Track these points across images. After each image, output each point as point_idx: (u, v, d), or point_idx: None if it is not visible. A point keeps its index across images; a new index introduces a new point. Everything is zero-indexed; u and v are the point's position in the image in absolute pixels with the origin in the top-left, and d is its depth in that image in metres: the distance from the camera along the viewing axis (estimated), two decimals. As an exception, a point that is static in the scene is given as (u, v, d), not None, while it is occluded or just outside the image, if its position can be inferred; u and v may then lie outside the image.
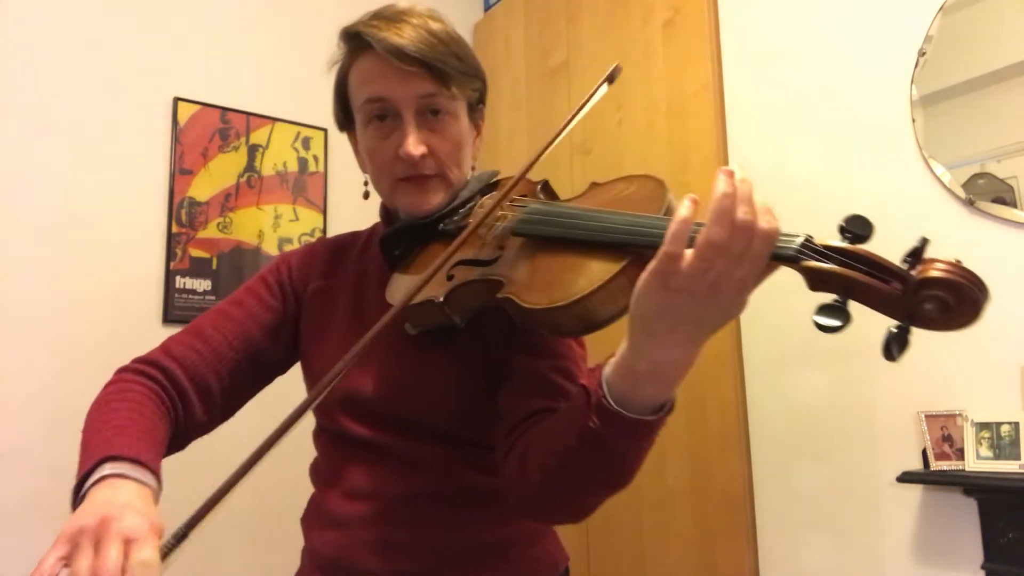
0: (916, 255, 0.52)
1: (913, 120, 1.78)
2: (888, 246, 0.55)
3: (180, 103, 2.38)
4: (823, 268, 0.53)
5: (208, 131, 2.43)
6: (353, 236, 1.06)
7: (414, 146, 0.85)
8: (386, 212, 0.99)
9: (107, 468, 0.73)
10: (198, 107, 2.42)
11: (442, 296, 0.77)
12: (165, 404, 0.87)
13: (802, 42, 2.05)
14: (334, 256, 1.02)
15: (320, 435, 0.97)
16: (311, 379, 0.97)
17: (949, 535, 1.65)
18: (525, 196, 0.88)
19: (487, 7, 3.20)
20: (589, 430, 0.65)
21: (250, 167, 2.50)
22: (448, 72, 0.86)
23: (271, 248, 2.49)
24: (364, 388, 0.89)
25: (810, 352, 1.94)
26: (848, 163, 1.90)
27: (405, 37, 0.83)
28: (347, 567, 0.86)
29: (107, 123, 2.26)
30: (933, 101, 1.76)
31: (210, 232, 2.39)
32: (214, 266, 2.37)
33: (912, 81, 1.79)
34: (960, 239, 1.69)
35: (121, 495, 0.68)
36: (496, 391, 0.86)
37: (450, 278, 0.79)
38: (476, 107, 0.96)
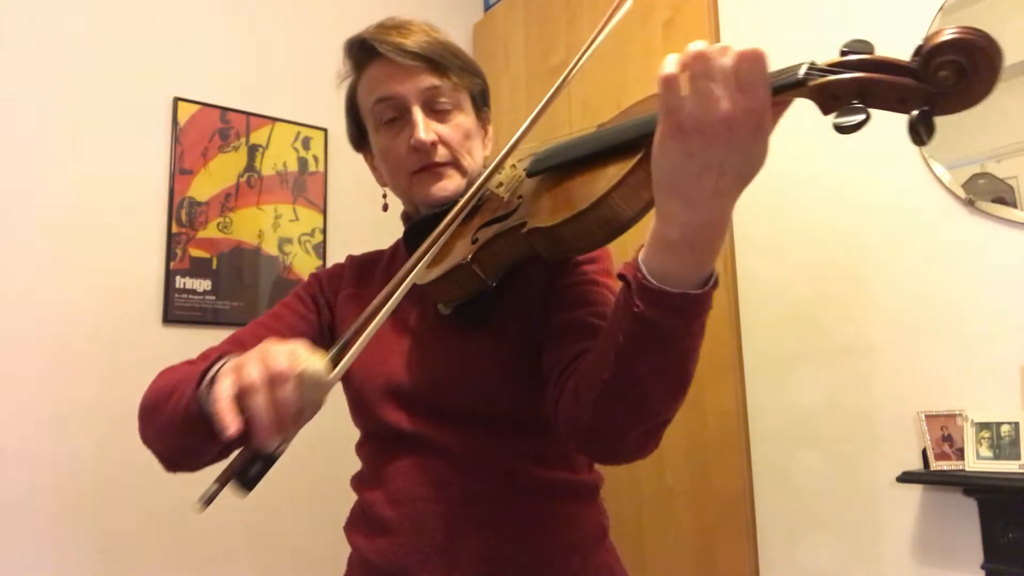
0: (920, 49, 0.52)
1: (913, 120, 1.77)
2: (888, 245, 0.55)
3: (180, 103, 2.38)
4: (833, 79, 0.52)
5: (208, 131, 2.43)
6: (379, 252, 1.09)
7: (425, 132, 0.88)
8: (407, 216, 1.00)
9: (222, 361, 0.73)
10: (198, 107, 2.42)
11: (469, 256, 0.77)
12: None
13: (802, 42, 2.04)
14: (362, 269, 1.05)
15: (364, 443, 0.95)
16: (352, 388, 0.95)
17: (949, 535, 1.65)
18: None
19: (487, 7, 3.20)
20: (635, 317, 0.61)
21: (250, 167, 2.50)
22: (447, 65, 0.90)
23: (271, 248, 2.49)
24: (406, 377, 0.88)
25: (810, 352, 1.94)
26: (848, 163, 1.90)
27: (408, 39, 0.89)
28: (399, 573, 0.83)
29: (107, 123, 2.26)
30: (933, 101, 1.76)
31: (210, 232, 2.39)
32: (214, 266, 2.37)
33: (912, 81, 1.79)
34: (960, 239, 1.69)
35: (267, 342, 0.66)
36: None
37: (475, 241, 0.78)
38: (481, 107, 0.99)
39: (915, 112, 0.52)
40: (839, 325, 1.89)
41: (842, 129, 0.51)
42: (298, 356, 0.62)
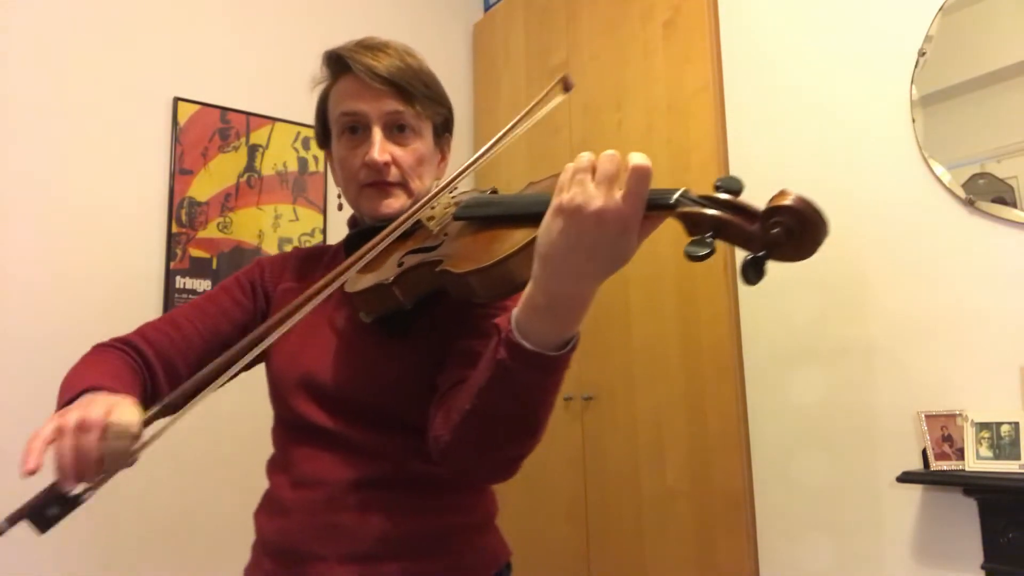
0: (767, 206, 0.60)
1: (913, 120, 1.78)
2: (888, 246, 0.56)
3: (180, 103, 2.38)
4: (698, 212, 0.61)
5: (208, 131, 2.43)
6: (324, 247, 1.14)
7: (379, 153, 0.95)
8: (353, 221, 1.08)
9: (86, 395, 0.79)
10: (198, 107, 2.42)
11: (392, 277, 0.85)
12: (137, 372, 0.93)
13: (802, 42, 2.05)
14: (305, 263, 1.09)
15: (276, 428, 1.01)
16: (271, 373, 1.00)
17: (949, 535, 1.65)
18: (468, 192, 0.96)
19: (487, 7, 3.20)
20: (497, 363, 0.69)
21: (250, 167, 2.50)
22: (414, 93, 0.97)
23: (271, 248, 2.49)
24: (320, 371, 0.94)
25: (810, 352, 1.94)
26: (848, 163, 1.90)
27: (381, 62, 0.95)
28: (294, 552, 0.89)
29: (107, 123, 2.26)
30: (933, 101, 1.76)
31: (210, 232, 2.39)
32: (214, 266, 2.37)
33: (912, 81, 1.79)
34: (960, 239, 1.69)
35: (99, 395, 0.75)
36: None
37: (400, 264, 0.86)
38: (442, 134, 1.06)
39: (749, 256, 0.59)
40: (839, 325, 1.89)
41: (690, 257, 0.59)
42: (115, 409, 0.70)
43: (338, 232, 2.63)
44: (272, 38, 2.61)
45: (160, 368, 0.95)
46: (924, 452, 1.67)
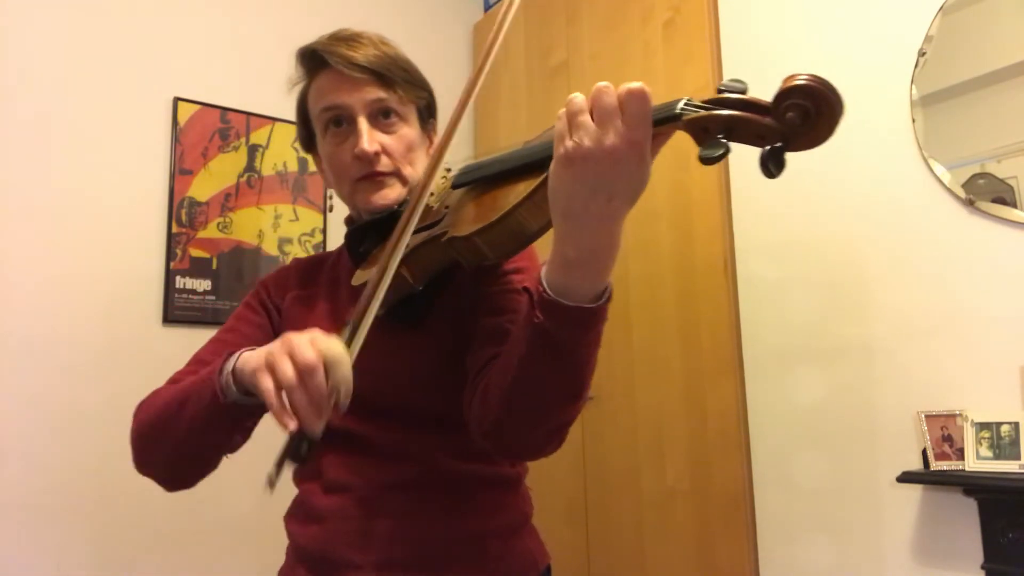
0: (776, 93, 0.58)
1: (913, 120, 1.78)
2: (888, 245, 0.56)
3: (180, 103, 2.38)
4: (705, 115, 0.59)
5: (208, 131, 2.43)
6: (324, 255, 1.13)
7: (368, 143, 0.92)
8: (350, 220, 1.06)
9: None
10: (198, 107, 2.42)
11: (399, 259, 0.83)
12: None
13: (802, 42, 2.05)
14: (307, 272, 1.08)
15: None
16: None
17: (949, 535, 1.65)
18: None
19: (487, 7, 3.20)
20: (535, 327, 0.68)
21: (250, 167, 2.50)
22: (394, 79, 0.95)
23: (271, 248, 2.49)
24: None
25: (810, 352, 1.94)
26: (848, 163, 1.90)
27: (357, 52, 0.93)
28: (329, 559, 0.88)
29: (107, 123, 2.26)
30: (933, 101, 1.76)
31: (210, 232, 2.39)
32: (214, 266, 2.37)
33: (912, 81, 1.79)
34: (960, 239, 1.69)
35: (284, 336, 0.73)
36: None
37: (406, 246, 0.85)
38: (427, 119, 1.04)
39: (767, 147, 0.58)
40: (839, 325, 1.89)
41: (705, 160, 0.58)
42: (319, 343, 0.69)
43: (338, 232, 2.62)
44: (272, 38, 2.61)
45: None
46: (924, 452, 1.67)
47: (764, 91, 0.61)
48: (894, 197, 1.80)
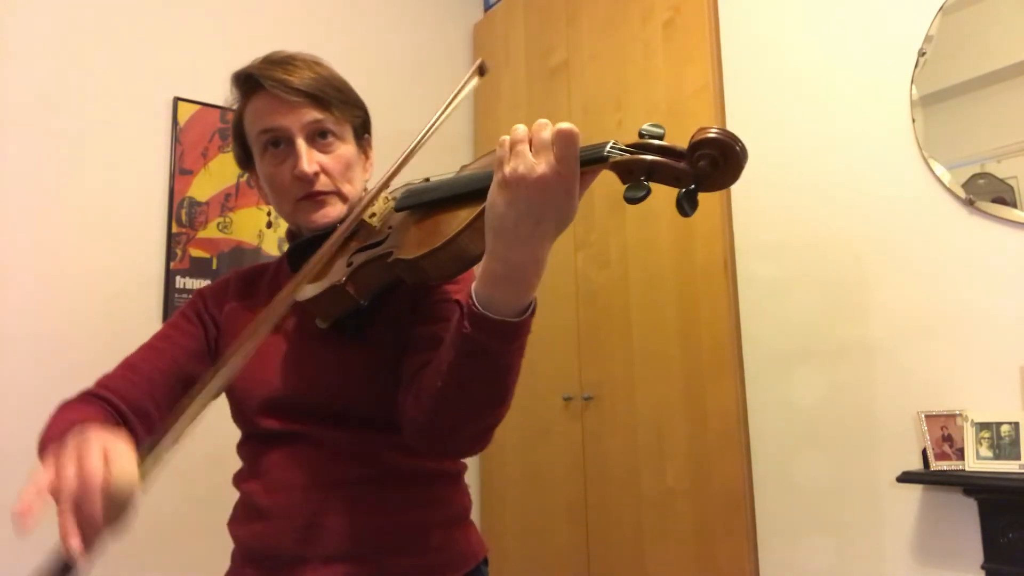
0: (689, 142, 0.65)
1: (913, 120, 1.78)
2: (888, 245, 0.56)
3: (180, 103, 2.38)
4: (629, 159, 0.66)
5: (208, 131, 2.43)
6: (264, 265, 1.14)
7: (308, 164, 0.95)
8: (291, 235, 1.07)
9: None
10: (198, 107, 2.42)
11: (344, 278, 0.86)
12: (114, 420, 0.92)
13: (802, 42, 2.05)
14: (247, 283, 1.09)
15: (243, 444, 1.01)
16: (233, 396, 1.00)
17: (949, 535, 1.65)
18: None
19: (487, 7, 3.20)
20: (463, 336, 0.72)
21: (250, 167, 2.50)
22: (330, 100, 0.97)
23: (271, 248, 2.49)
24: (284, 388, 0.95)
25: (810, 352, 1.94)
26: (848, 163, 1.90)
27: (293, 76, 0.96)
28: (276, 556, 0.89)
29: (107, 123, 2.26)
30: (933, 101, 1.76)
31: (210, 232, 2.39)
32: (214, 266, 2.37)
33: (912, 81, 1.79)
34: (960, 239, 1.69)
35: (90, 430, 0.70)
36: None
37: (350, 264, 0.88)
38: (362, 136, 1.06)
39: (683, 190, 0.64)
40: (839, 325, 1.89)
41: (630, 200, 0.65)
42: (112, 454, 0.64)
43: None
44: (272, 39, 2.60)
45: (131, 413, 0.94)
46: (924, 452, 1.67)
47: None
48: (894, 197, 1.80)
